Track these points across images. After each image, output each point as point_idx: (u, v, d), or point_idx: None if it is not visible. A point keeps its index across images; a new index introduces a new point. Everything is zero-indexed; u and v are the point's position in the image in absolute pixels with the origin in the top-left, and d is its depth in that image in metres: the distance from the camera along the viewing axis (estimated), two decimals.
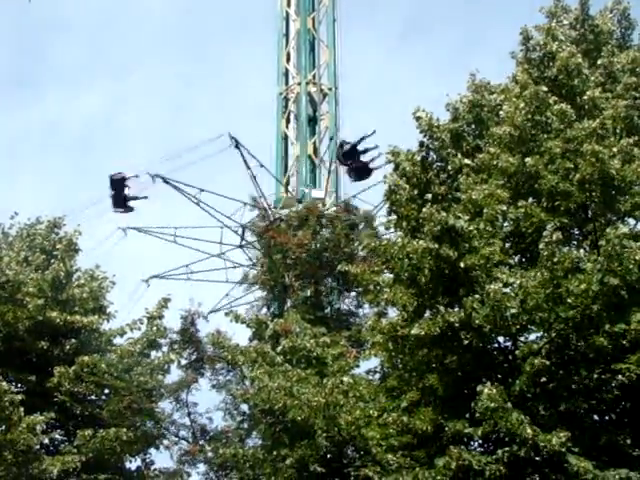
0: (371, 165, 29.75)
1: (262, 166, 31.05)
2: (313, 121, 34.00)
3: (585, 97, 17.24)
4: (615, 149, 16.25)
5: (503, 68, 18.99)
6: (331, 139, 32.24)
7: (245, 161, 30.53)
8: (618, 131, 17.14)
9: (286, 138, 34.08)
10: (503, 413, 14.48)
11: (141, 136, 66.59)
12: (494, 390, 14.52)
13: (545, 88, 17.20)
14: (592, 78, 17.88)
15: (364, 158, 29.85)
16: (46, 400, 21.80)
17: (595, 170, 15.84)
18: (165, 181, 30.85)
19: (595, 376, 15.57)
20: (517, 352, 15.87)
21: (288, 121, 34.25)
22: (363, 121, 31.82)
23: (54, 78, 72.96)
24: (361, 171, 29.87)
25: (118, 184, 31.11)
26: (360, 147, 29.77)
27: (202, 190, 30.95)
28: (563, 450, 14.33)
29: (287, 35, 35.33)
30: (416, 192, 16.71)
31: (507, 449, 14.81)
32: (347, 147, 29.90)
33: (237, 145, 30.56)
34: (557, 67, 17.77)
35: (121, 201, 31.18)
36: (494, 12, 64.02)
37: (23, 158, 65.34)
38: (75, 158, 68.58)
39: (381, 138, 29.37)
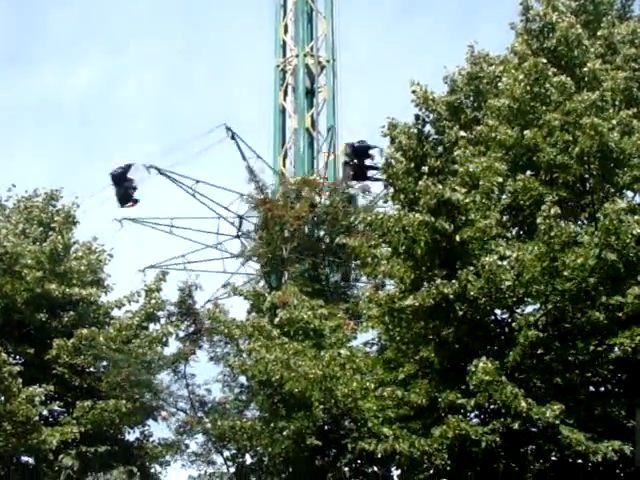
0: (369, 174, 30.17)
1: (259, 157, 30.91)
2: (311, 93, 33.76)
3: (585, 69, 17.13)
4: (614, 121, 16.18)
5: (503, 40, 18.90)
6: (329, 130, 32.12)
7: (242, 153, 30.38)
8: (617, 103, 17.06)
9: (284, 110, 33.89)
10: (497, 386, 14.54)
11: (139, 109, 66.45)
12: (489, 364, 14.56)
13: (544, 60, 17.08)
14: (592, 49, 17.77)
15: (367, 162, 30.16)
16: (45, 372, 21.90)
17: (594, 143, 15.76)
18: (160, 172, 30.71)
19: (591, 348, 15.62)
20: (513, 324, 15.90)
21: (286, 93, 34.03)
22: (362, 94, 31.71)
23: (51, 51, 72.80)
24: (359, 171, 30.24)
25: (119, 179, 30.92)
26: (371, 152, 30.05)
27: (198, 181, 30.77)
28: (557, 422, 14.40)
29: (285, 7, 35.03)
30: (412, 165, 16.65)
31: (502, 420, 14.90)
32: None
33: (233, 136, 30.41)
34: (557, 38, 17.66)
35: (126, 196, 31.04)
36: None
37: (20, 131, 65.25)
38: (73, 131, 68.48)
39: (380, 111, 29.28)
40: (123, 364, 22.01)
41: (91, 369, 23.03)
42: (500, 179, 15.97)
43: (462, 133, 16.89)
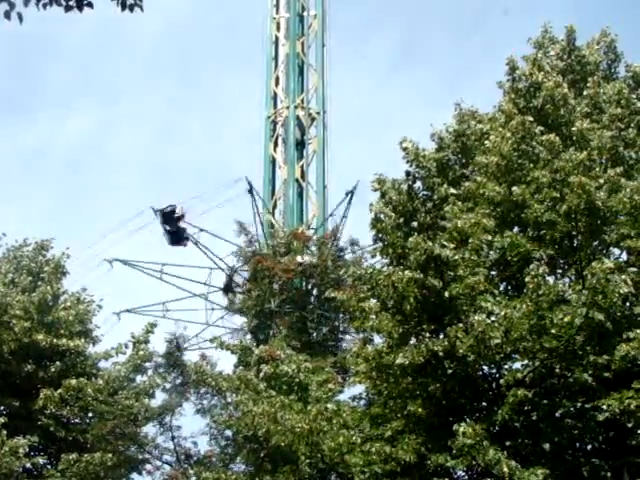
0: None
1: (270, 212, 31.20)
2: (301, 145, 34.11)
3: (573, 128, 17.35)
4: (601, 180, 16.36)
5: (494, 97, 19.16)
6: (324, 188, 32.53)
7: (256, 207, 30.69)
8: (604, 162, 17.26)
9: (274, 161, 34.17)
10: (480, 449, 14.47)
11: (130, 160, 66.77)
12: (470, 428, 14.50)
13: (531, 118, 17.31)
14: (578, 108, 18.01)
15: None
16: (30, 423, 21.72)
17: (581, 201, 15.92)
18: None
19: (579, 405, 15.61)
20: (501, 381, 15.90)
21: (276, 144, 34.35)
22: (351, 146, 32.05)
23: (43, 101, 73.18)
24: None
25: (169, 218, 31.05)
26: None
27: (202, 230, 31.01)
28: None
29: (276, 59, 35.51)
30: (402, 220, 16.75)
31: None
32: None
33: (250, 190, 30.80)
34: (543, 97, 17.89)
35: (178, 235, 31.13)
36: (485, 43, 64.66)
37: (11, 181, 65.38)
38: (63, 182, 68.69)
39: (369, 165, 29.60)
40: (109, 416, 21.84)
41: (77, 420, 22.84)
42: (489, 236, 16.08)
43: (452, 190, 17.03)
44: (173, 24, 70.85)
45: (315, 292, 24.94)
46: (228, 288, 29.18)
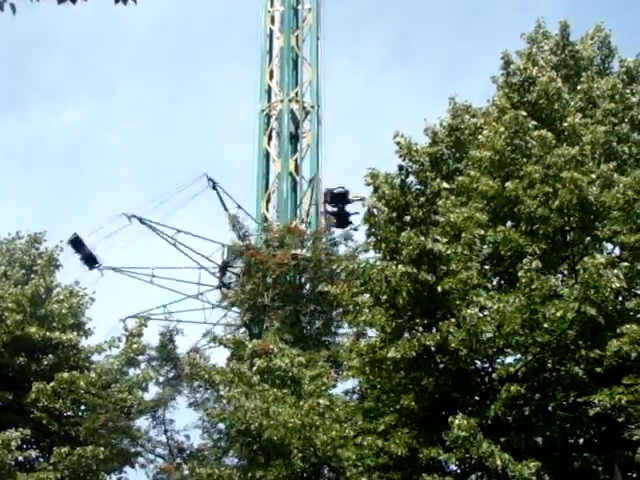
0: (351, 219, 30.62)
1: (240, 207, 31.21)
2: (295, 139, 34.03)
3: (565, 123, 17.36)
4: (594, 175, 16.38)
5: (488, 92, 19.17)
6: (311, 181, 32.40)
7: (223, 203, 30.77)
8: (597, 156, 17.28)
9: (267, 155, 34.10)
10: (473, 442, 14.51)
11: (124, 153, 66.64)
12: (464, 420, 14.54)
13: (524, 113, 17.32)
14: (572, 103, 18.03)
15: (348, 208, 30.60)
16: (22, 416, 21.70)
17: (574, 196, 15.94)
18: (142, 222, 30.88)
19: (571, 400, 15.65)
20: (494, 375, 15.93)
21: (270, 138, 34.26)
22: (346, 140, 32.06)
23: (38, 94, 73.04)
24: (342, 219, 30.53)
25: (78, 244, 30.93)
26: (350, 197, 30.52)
27: (179, 231, 31.00)
28: (533, 479, 14.36)
29: (270, 52, 35.40)
30: (395, 215, 16.75)
31: (479, 473, 14.87)
32: (339, 190, 30.49)
33: (214, 186, 30.77)
34: (537, 92, 17.90)
35: (88, 258, 31.03)
36: (480, 39, 64.65)
37: (6, 173, 65.26)
38: (59, 175, 68.58)
39: (364, 158, 29.62)
40: (102, 409, 21.83)
41: (69, 414, 22.82)
42: (481, 231, 16.10)
43: (445, 184, 17.04)
44: (168, 17, 70.94)
45: (309, 286, 24.94)
46: (225, 268, 29.42)
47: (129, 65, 71.82)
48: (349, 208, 30.60)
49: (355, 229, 29.36)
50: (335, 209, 30.35)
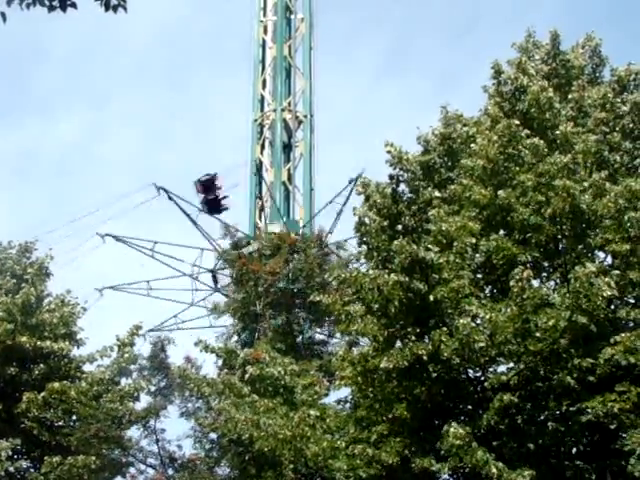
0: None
1: (201, 210, 31.38)
2: (288, 148, 34.07)
3: (557, 132, 17.38)
4: (586, 184, 16.39)
5: (480, 104, 19.17)
6: (311, 191, 32.61)
7: (182, 209, 30.99)
8: (589, 165, 17.29)
9: (261, 164, 34.12)
10: (468, 451, 14.46)
11: (118, 164, 66.64)
12: (459, 428, 14.50)
13: (517, 121, 17.34)
14: (563, 112, 18.04)
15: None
16: (13, 426, 21.53)
17: (566, 204, 15.95)
18: (117, 239, 31.07)
19: (563, 409, 15.62)
20: (486, 384, 15.90)
21: (263, 147, 34.30)
22: (339, 150, 32.10)
23: (32, 106, 73.02)
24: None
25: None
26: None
27: (156, 242, 31.17)
28: None
29: (263, 62, 35.46)
30: (386, 223, 16.74)
31: None
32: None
33: (169, 197, 31.08)
34: (528, 101, 17.92)
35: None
36: (474, 49, 64.87)
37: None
38: (51, 186, 68.52)
39: (355, 169, 29.77)
40: (93, 419, 21.71)
41: (61, 424, 22.69)
42: (473, 239, 16.08)
43: (436, 193, 17.03)
44: (161, 27, 71.02)
45: (301, 295, 24.89)
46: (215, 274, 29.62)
47: (123, 76, 71.95)
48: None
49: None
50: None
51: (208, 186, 31.25)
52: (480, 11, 69.77)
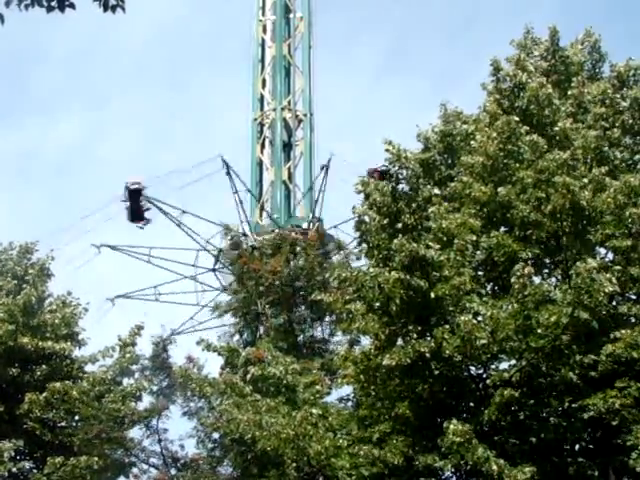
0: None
1: (249, 191, 31.47)
2: (288, 147, 34.05)
3: (557, 128, 17.36)
4: (586, 179, 16.37)
5: (480, 102, 19.12)
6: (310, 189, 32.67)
7: (234, 186, 30.97)
8: (589, 161, 17.27)
9: (261, 163, 34.12)
10: (469, 448, 14.45)
11: (118, 164, 66.58)
12: (460, 425, 14.49)
13: (516, 118, 17.32)
14: (563, 108, 18.02)
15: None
16: (15, 427, 21.56)
17: (566, 201, 15.93)
18: (149, 201, 31.06)
19: (566, 405, 15.61)
20: (488, 381, 15.90)
21: (263, 147, 34.28)
22: (339, 148, 32.08)
23: (32, 106, 73.00)
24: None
25: (135, 195, 31.11)
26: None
27: (184, 212, 31.28)
28: None
29: (263, 61, 35.42)
30: (386, 222, 16.73)
31: (475, 479, 14.82)
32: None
33: (228, 171, 31.00)
34: (527, 97, 17.90)
35: (138, 213, 31.21)
36: (474, 47, 64.83)
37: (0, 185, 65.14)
38: (51, 186, 68.51)
39: (357, 167, 29.78)
40: (95, 420, 21.72)
41: (63, 424, 22.70)
42: (474, 236, 16.07)
43: (436, 190, 17.02)
44: (161, 27, 70.99)
45: (302, 294, 24.88)
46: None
47: (123, 76, 71.91)
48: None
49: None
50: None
51: (135, 195, 31.16)
52: (479, 9, 69.78)
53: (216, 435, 22.31)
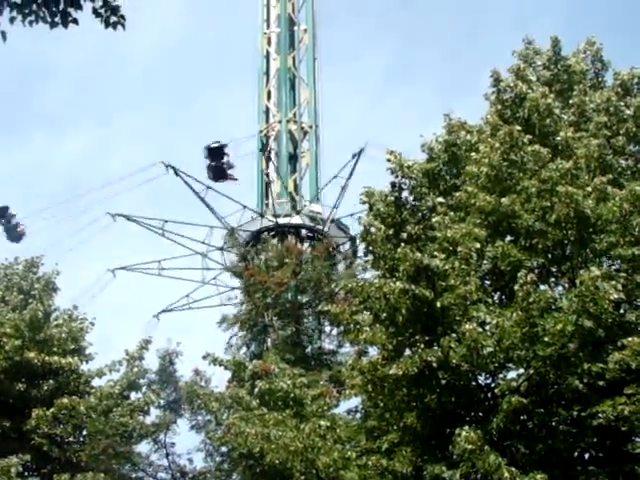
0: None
1: (208, 187, 31.70)
2: (294, 158, 34.13)
3: (559, 137, 17.36)
4: (589, 188, 16.35)
5: (483, 111, 19.16)
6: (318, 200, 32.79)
7: (189, 186, 31.31)
8: (592, 170, 17.25)
9: (267, 175, 34.18)
10: (480, 455, 14.41)
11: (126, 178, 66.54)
12: (471, 432, 14.45)
13: (519, 127, 17.34)
14: (564, 117, 18.03)
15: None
16: (22, 443, 21.55)
17: (570, 210, 15.92)
18: (128, 219, 31.39)
19: (575, 414, 15.55)
20: (496, 390, 15.85)
21: (269, 159, 34.36)
22: (344, 159, 32.22)
23: (40, 122, 73.33)
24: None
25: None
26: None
27: (165, 221, 31.54)
28: None
29: (268, 74, 35.57)
30: (391, 232, 16.74)
31: None
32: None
33: (176, 172, 31.32)
34: (528, 108, 17.93)
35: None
36: (478, 58, 64.98)
37: (8, 201, 65.25)
38: (60, 201, 68.51)
39: (361, 178, 29.98)
40: (102, 435, 21.69)
41: (70, 439, 22.68)
42: (478, 245, 16.05)
43: (440, 199, 17.03)
44: (166, 42, 71.32)
45: (309, 305, 24.90)
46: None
47: (129, 91, 72.24)
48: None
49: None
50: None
51: (216, 153, 31.37)
52: (483, 21, 69.93)
53: (224, 449, 22.28)
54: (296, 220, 30.90)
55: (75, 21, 9.90)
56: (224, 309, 27.44)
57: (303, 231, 31.06)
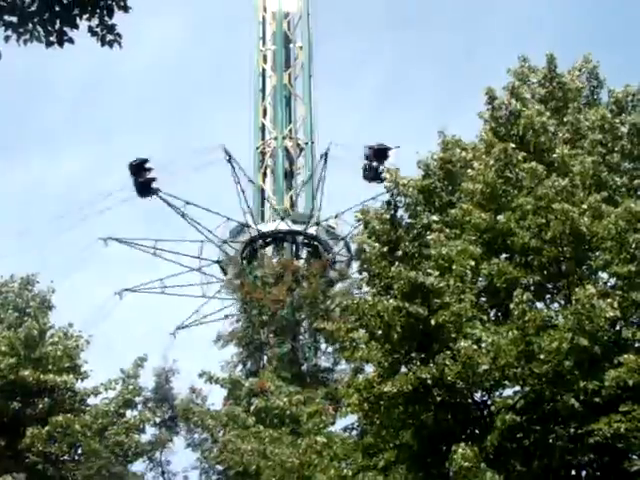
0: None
1: (250, 181, 31.76)
2: (290, 175, 34.20)
3: (555, 155, 17.40)
4: (585, 206, 16.37)
5: (478, 130, 19.16)
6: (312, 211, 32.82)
7: (236, 175, 31.29)
8: (587, 186, 17.27)
9: (263, 192, 34.24)
10: (477, 472, 14.36)
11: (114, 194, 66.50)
12: (468, 449, 14.40)
13: (513, 145, 17.37)
14: (559, 135, 18.06)
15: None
16: (17, 462, 21.44)
17: (566, 227, 15.94)
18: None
19: (571, 431, 15.51)
20: (492, 408, 15.82)
21: (265, 175, 34.43)
22: (340, 176, 32.31)
23: (37, 141, 73.37)
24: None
25: (139, 169, 31.29)
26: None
27: (188, 203, 31.55)
28: None
29: (263, 91, 35.69)
30: (386, 249, 16.74)
31: None
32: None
33: (229, 159, 31.34)
34: (523, 125, 17.97)
35: (146, 187, 31.36)
36: (474, 77, 65.12)
37: (4, 220, 65.33)
38: (57, 220, 68.44)
39: (359, 195, 30.05)
40: (97, 454, 21.58)
41: (65, 458, 22.56)
42: (473, 262, 16.07)
43: (435, 217, 17.04)
44: (162, 60, 71.52)
45: (305, 323, 24.87)
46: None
47: (125, 109, 72.36)
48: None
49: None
50: (372, 163, 30.81)
51: (139, 169, 31.36)
52: (478, 39, 70.23)
53: (220, 467, 22.18)
54: (283, 226, 30.85)
55: (71, 40, 9.92)
56: (223, 324, 27.40)
57: (299, 238, 31.03)
